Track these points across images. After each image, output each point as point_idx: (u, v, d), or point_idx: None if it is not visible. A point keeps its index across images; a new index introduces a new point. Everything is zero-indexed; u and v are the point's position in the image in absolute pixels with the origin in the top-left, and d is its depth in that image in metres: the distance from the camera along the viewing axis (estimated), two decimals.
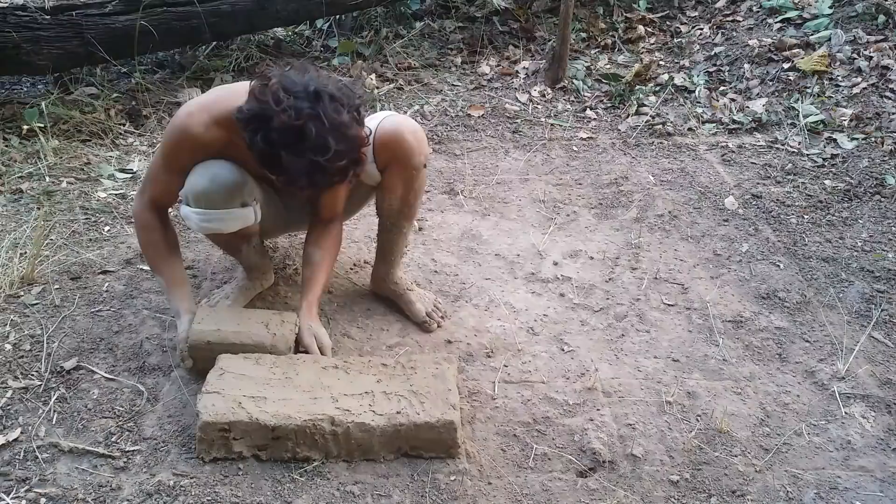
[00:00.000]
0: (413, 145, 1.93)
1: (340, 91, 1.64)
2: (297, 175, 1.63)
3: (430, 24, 4.12)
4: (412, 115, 3.37)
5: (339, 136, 1.60)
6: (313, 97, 1.60)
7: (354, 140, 1.65)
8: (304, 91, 1.60)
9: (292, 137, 1.58)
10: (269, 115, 1.58)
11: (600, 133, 3.29)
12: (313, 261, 1.99)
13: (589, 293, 2.29)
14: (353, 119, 1.64)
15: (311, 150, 1.58)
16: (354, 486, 1.65)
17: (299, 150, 1.58)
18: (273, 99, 1.59)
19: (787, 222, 2.66)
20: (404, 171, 1.97)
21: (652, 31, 4.10)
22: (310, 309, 1.96)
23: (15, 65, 3.15)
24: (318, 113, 1.58)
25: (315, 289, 1.98)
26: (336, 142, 1.59)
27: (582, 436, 1.79)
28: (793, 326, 2.18)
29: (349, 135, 1.62)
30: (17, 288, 2.19)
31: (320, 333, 1.93)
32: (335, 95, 1.62)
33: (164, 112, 3.28)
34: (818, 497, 1.67)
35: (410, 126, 1.95)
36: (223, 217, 1.85)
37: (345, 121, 1.61)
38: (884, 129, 3.11)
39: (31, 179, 2.76)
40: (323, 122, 1.58)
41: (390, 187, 2.01)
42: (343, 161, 1.63)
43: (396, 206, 2.04)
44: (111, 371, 1.94)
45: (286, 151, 1.59)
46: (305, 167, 1.60)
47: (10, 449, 1.71)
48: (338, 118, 1.60)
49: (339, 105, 1.62)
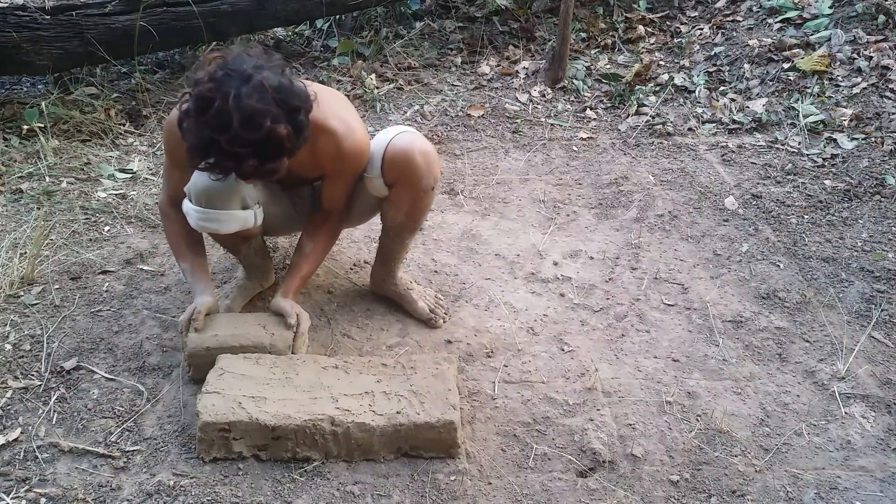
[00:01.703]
0: (422, 168, 1.91)
1: (281, 86, 1.58)
2: (195, 149, 1.57)
3: (430, 24, 4.12)
4: (412, 115, 3.38)
5: (247, 122, 1.52)
6: (243, 78, 1.54)
7: (265, 132, 1.54)
8: (239, 71, 1.55)
9: (200, 108, 1.54)
10: (198, 82, 1.56)
11: (600, 133, 3.29)
12: (304, 251, 2.00)
13: (589, 293, 2.29)
14: (277, 114, 1.56)
15: (211, 126, 1.53)
16: (354, 486, 1.65)
17: (200, 122, 1.54)
18: (208, 70, 1.57)
19: (787, 222, 2.66)
20: (412, 191, 1.95)
21: (652, 31, 4.10)
22: (286, 293, 1.97)
23: (15, 65, 3.15)
24: (234, 93, 1.52)
25: (295, 277, 1.99)
26: (241, 126, 1.51)
27: (582, 436, 1.79)
28: (793, 326, 2.18)
29: (260, 124, 1.53)
30: (17, 288, 2.19)
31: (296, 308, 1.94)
32: (269, 85, 1.55)
33: (164, 112, 3.28)
34: (818, 497, 1.67)
35: (422, 147, 1.91)
36: (221, 218, 1.84)
37: (259, 108, 1.53)
38: (884, 129, 3.11)
39: (31, 179, 2.76)
40: (232, 102, 1.51)
41: (397, 203, 1.99)
42: (246, 149, 1.54)
43: (401, 220, 2.03)
44: (111, 371, 1.94)
45: (192, 120, 1.56)
46: (204, 141, 1.55)
47: (10, 449, 1.71)
48: (253, 104, 1.52)
49: (265, 94, 1.54)
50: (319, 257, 2.03)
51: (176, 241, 1.97)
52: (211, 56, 1.62)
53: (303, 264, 1.99)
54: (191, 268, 1.96)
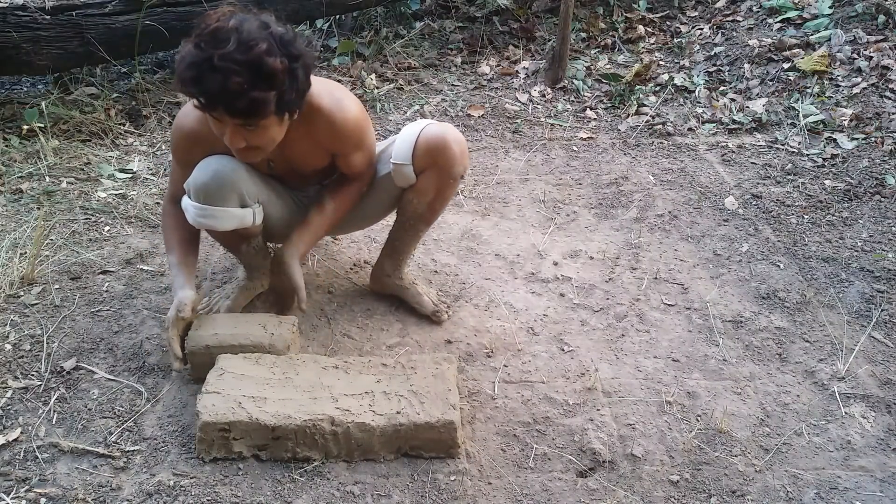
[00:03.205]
0: (457, 155, 1.93)
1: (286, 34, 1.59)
2: (188, 65, 1.55)
3: (430, 24, 4.12)
4: (412, 115, 3.38)
5: (242, 44, 1.52)
6: (258, 23, 1.57)
7: (258, 55, 1.53)
8: (247, 16, 1.58)
9: (201, 29, 1.56)
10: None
11: (600, 133, 3.29)
12: (324, 209, 1.96)
13: (589, 293, 2.29)
14: (275, 48, 1.56)
15: (206, 42, 1.53)
16: (354, 486, 1.65)
17: (196, 41, 1.55)
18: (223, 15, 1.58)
19: (787, 222, 2.66)
20: (441, 179, 1.96)
21: (652, 31, 4.10)
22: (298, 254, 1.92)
23: (15, 65, 3.15)
24: (236, 21, 1.55)
25: (310, 236, 1.95)
26: (237, 47, 1.52)
27: (582, 436, 1.79)
28: (793, 326, 2.18)
29: (253, 47, 1.53)
30: (17, 288, 2.19)
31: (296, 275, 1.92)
32: (273, 29, 1.58)
33: (164, 112, 3.28)
34: (818, 497, 1.67)
35: (455, 136, 1.94)
36: (218, 215, 1.84)
37: (258, 36, 1.54)
38: (884, 129, 3.11)
39: (31, 179, 2.76)
40: (232, 24, 1.54)
41: (423, 191, 1.99)
42: (239, 77, 1.52)
43: (421, 209, 2.03)
44: (111, 371, 1.94)
45: (193, 40, 1.56)
46: (195, 57, 1.54)
47: (10, 449, 1.71)
48: (253, 32, 1.54)
49: (267, 30, 1.56)
50: (337, 218, 2.00)
51: (169, 234, 1.96)
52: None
53: (320, 223, 1.96)
54: (177, 261, 1.93)
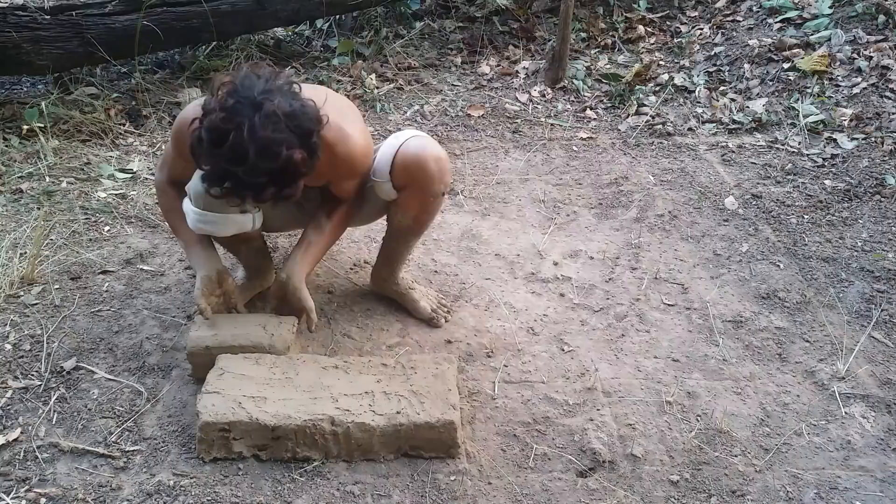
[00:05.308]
0: (434, 174, 1.90)
1: (293, 111, 1.57)
2: (213, 178, 1.58)
3: (430, 24, 4.12)
4: (412, 115, 3.38)
5: (263, 152, 1.52)
6: (254, 106, 1.53)
7: (283, 160, 1.54)
8: (250, 98, 1.54)
9: (214, 140, 1.54)
10: (209, 112, 1.55)
11: (600, 133, 3.29)
12: (322, 227, 1.95)
13: (589, 293, 2.29)
14: (292, 141, 1.55)
15: (227, 159, 1.53)
16: (354, 486, 1.65)
17: (216, 154, 1.54)
18: (218, 97, 1.56)
19: (787, 222, 2.65)
20: (422, 196, 1.94)
21: (652, 31, 4.10)
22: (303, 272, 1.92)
23: (15, 65, 3.15)
24: (248, 124, 1.51)
25: (312, 254, 1.94)
26: (258, 157, 1.51)
27: (582, 436, 1.79)
28: (793, 326, 2.18)
29: (276, 153, 1.53)
30: (17, 288, 2.19)
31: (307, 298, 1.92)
32: (280, 111, 1.54)
33: (164, 112, 3.28)
34: (818, 497, 1.67)
35: (435, 152, 1.90)
36: (218, 221, 1.84)
37: (275, 138, 1.52)
38: (884, 129, 3.11)
39: (31, 179, 2.76)
40: (246, 134, 1.51)
41: (405, 207, 1.98)
42: (264, 179, 1.55)
43: (407, 223, 2.02)
44: (111, 371, 1.94)
45: (207, 152, 1.56)
46: (221, 173, 1.56)
47: (10, 449, 1.71)
48: (267, 134, 1.52)
49: (278, 122, 1.54)
50: (336, 235, 2.00)
51: (175, 216, 1.93)
52: (220, 80, 1.60)
53: (319, 242, 1.95)
54: (189, 242, 1.92)
